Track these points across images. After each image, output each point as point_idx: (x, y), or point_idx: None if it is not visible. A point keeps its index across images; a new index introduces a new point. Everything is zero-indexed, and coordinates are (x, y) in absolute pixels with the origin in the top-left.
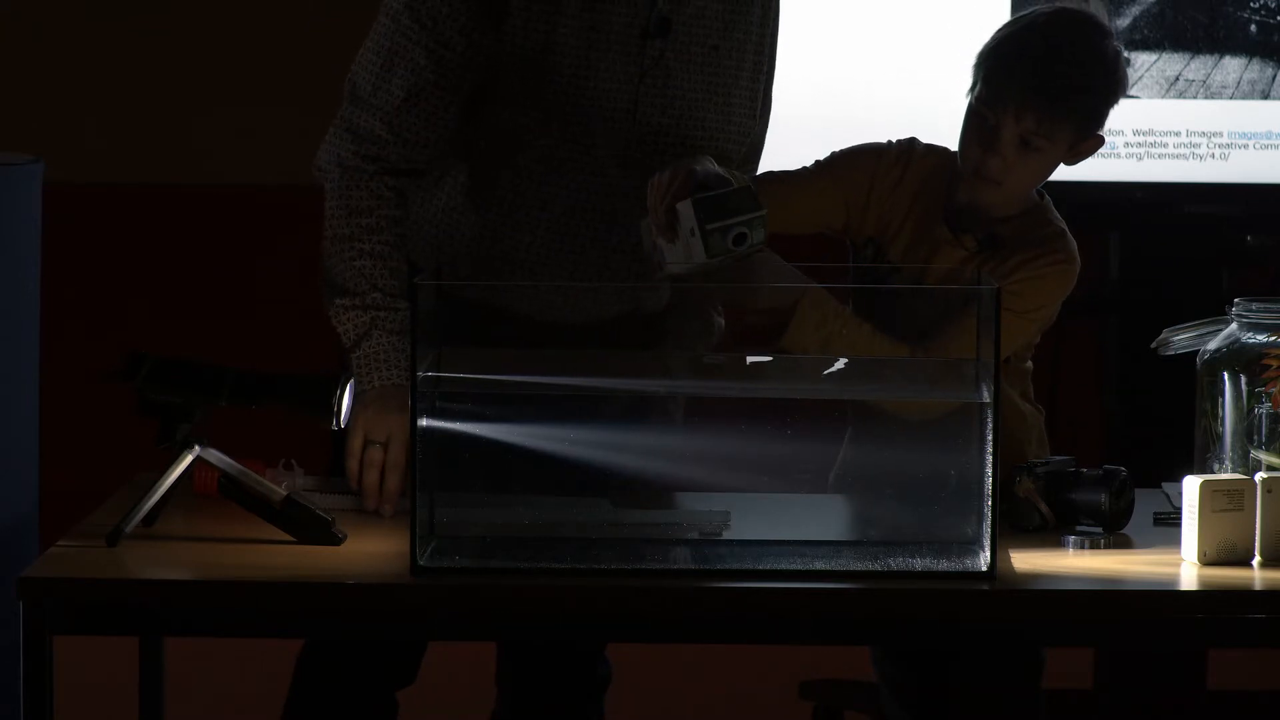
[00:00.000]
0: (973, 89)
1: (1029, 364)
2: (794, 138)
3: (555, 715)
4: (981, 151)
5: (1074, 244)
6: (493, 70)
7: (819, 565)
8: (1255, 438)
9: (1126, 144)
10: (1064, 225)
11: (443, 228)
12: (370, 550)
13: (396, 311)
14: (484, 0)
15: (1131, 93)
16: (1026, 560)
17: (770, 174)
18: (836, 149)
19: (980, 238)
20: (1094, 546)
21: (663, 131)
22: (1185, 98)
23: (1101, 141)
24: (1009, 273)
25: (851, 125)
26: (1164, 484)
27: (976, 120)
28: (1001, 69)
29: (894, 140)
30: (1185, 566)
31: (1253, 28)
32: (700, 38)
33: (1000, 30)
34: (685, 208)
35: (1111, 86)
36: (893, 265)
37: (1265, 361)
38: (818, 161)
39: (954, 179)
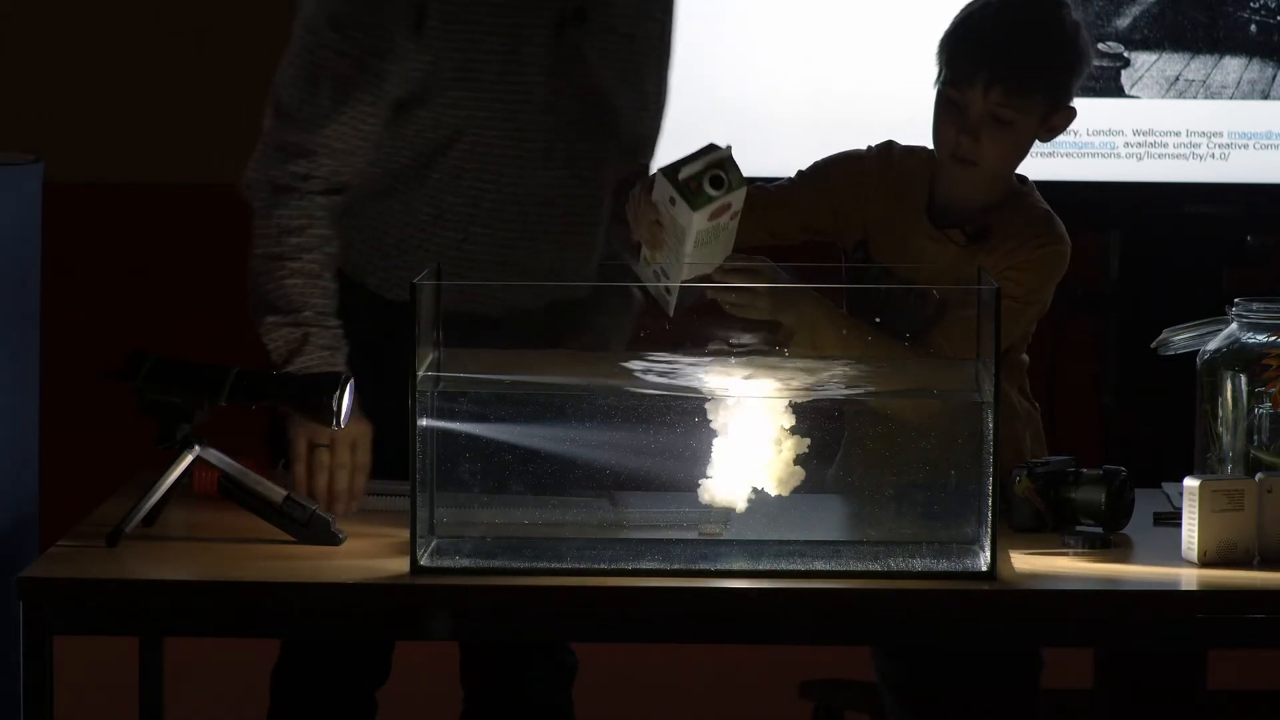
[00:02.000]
0: (939, 76)
1: (1025, 357)
2: (795, 138)
3: (524, 710)
4: (955, 133)
5: (1062, 225)
6: (416, 74)
7: (819, 565)
8: (1255, 438)
9: (1126, 144)
10: (1049, 208)
11: (376, 233)
12: (370, 550)
13: (328, 329)
14: (403, 6)
15: (1131, 93)
16: (1026, 560)
17: (755, 188)
18: (817, 159)
19: (968, 231)
20: (1094, 546)
21: (582, 120)
22: (1185, 98)
23: (1073, 113)
24: (1000, 261)
25: (850, 126)
26: (1164, 484)
27: (946, 104)
28: (964, 48)
29: (872, 145)
30: (1185, 566)
31: (1253, 28)
32: (614, 25)
33: (959, 13)
34: (657, 183)
35: (1074, 55)
36: (883, 267)
37: (1265, 361)
38: (800, 172)
39: (935, 176)
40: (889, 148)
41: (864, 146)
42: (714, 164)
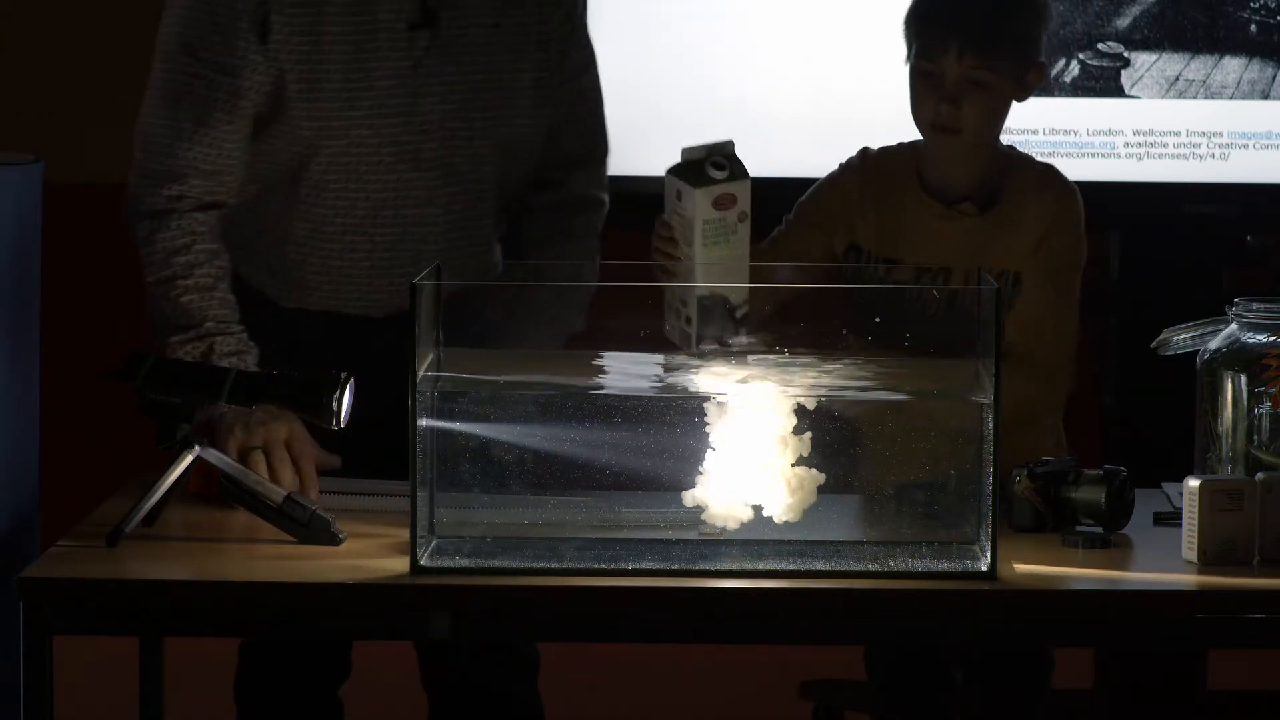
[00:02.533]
0: (909, 53)
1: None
2: (795, 138)
3: (489, 707)
4: (934, 103)
5: (1062, 173)
6: (267, 89)
7: (819, 565)
8: (1255, 438)
9: (1126, 144)
10: (1045, 163)
11: (263, 249)
12: (370, 550)
13: (232, 334)
14: (247, 22)
15: (1131, 93)
16: (1026, 560)
17: (755, 248)
18: (800, 199)
19: (979, 200)
20: (1094, 546)
21: (446, 121)
22: (1185, 98)
23: (1045, 69)
24: (1029, 230)
25: (850, 126)
26: (1164, 484)
27: (920, 78)
28: (933, 18)
29: (845, 159)
30: (1185, 566)
31: (1253, 28)
32: (476, 17)
33: None
34: (666, 184)
35: (1039, 9)
36: (885, 264)
37: (1265, 361)
38: (786, 219)
39: (921, 160)
40: (863, 154)
41: (849, 158)
42: (715, 149)
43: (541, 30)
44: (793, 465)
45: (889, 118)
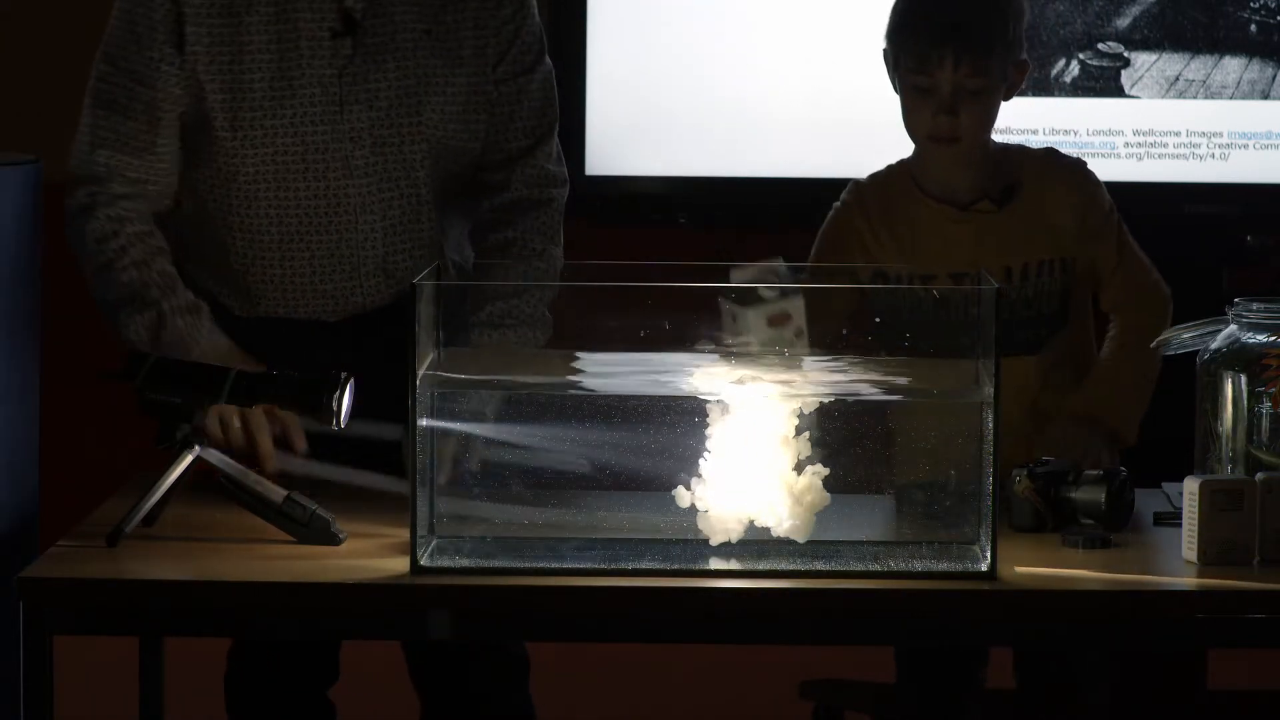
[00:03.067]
0: (895, 68)
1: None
2: (795, 138)
3: (480, 708)
4: (930, 115)
5: (1061, 151)
6: (186, 99)
7: (819, 565)
8: (1255, 438)
9: (1126, 144)
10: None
11: (209, 263)
12: (370, 550)
13: (178, 295)
14: (164, 32)
15: (1131, 93)
16: (1026, 560)
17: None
18: (811, 255)
19: (995, 196)
20: (1094, 546)
21: (375, 128)
22: (1185, 98)
23: (1028, 65)
24: (1059, 202)
25: (850, 126)
26: (1164, 484)
27: (914, 91)
28: (922, 32)
29: (839, 200)
30: (1185, 566)
31: (1253, 28)
32: (407, 23)
33: (896, 5)
34: (723, 312)
35: (1016, 6)
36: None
37: (1265, 361)
38: (811, 259)
39: (919, 174)
40: (856, 187)
41: (843, 198)
42: (766, 270)
43: (478, 36)
44: (795, 470)
45: (888, 117)
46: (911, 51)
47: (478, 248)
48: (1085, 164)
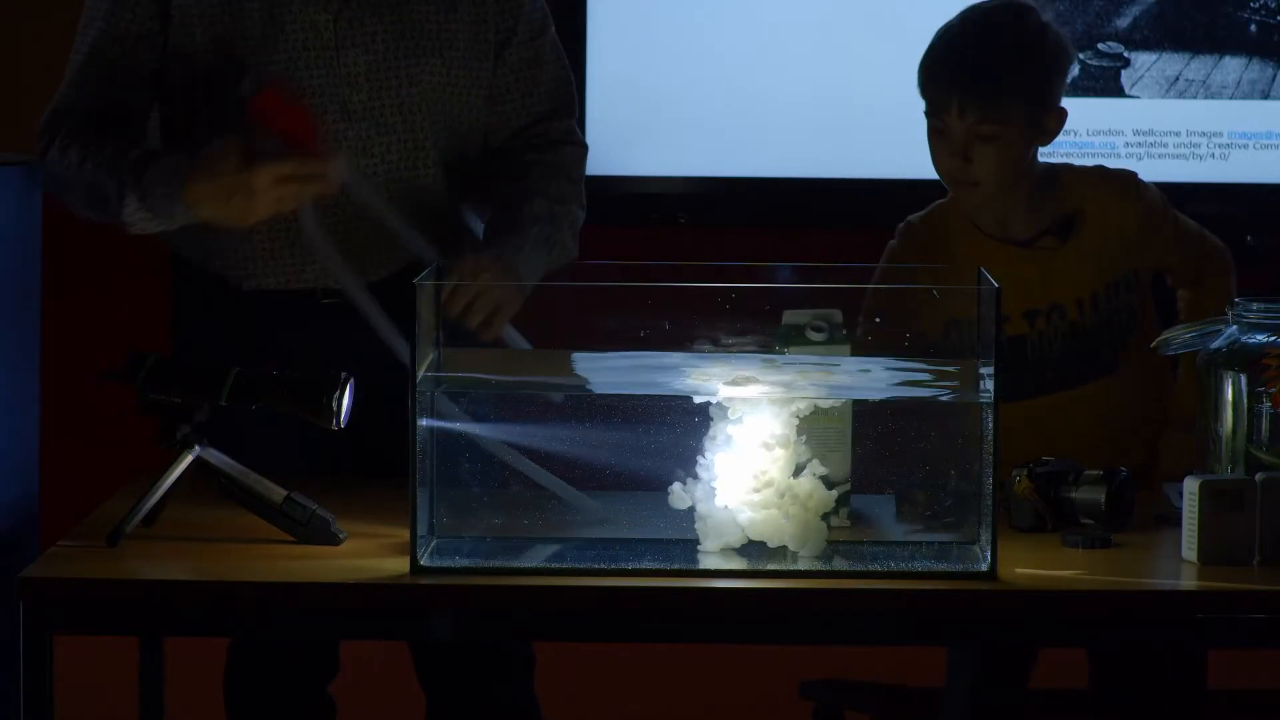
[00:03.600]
0: (925, 107)
1: None
2: (797, 138)
3: (487, 706)
4: (949, 159)
5: (1108, 167)
6: (184, 47)
7: (819, 565)
8: (1255, 438)
9: (1126, 144)
10: (1086, 166)
11: (209, 229)
12: (370, 550)
13: (146, 144)
14: None
15: (1131, 93)
16: (1026, 560)
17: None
18: (869, 294)
19: (1056, 230)
20: (1094, 546)
21: (371, 71)
22: (1185, 98)
23: (1064, 114)
24: (1124, 227)
25: (854, 127)
26: (1164, 484)
27: (934, 133)
28: (933, 75)
29: (891, 241)
30: (1185, 566)
31: (1253, 28)
32: None
33: (931, 42)
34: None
35: (1047, 56)
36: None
37: (1265, 361)
38: (865, 313)
39: (971, 210)
40: (908, 228)
41: (890, 245)
42: (820, 315)
43: None
44: (794, 474)
45: (889, 118)
46: (925, 95)
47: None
48: (1134, 174)
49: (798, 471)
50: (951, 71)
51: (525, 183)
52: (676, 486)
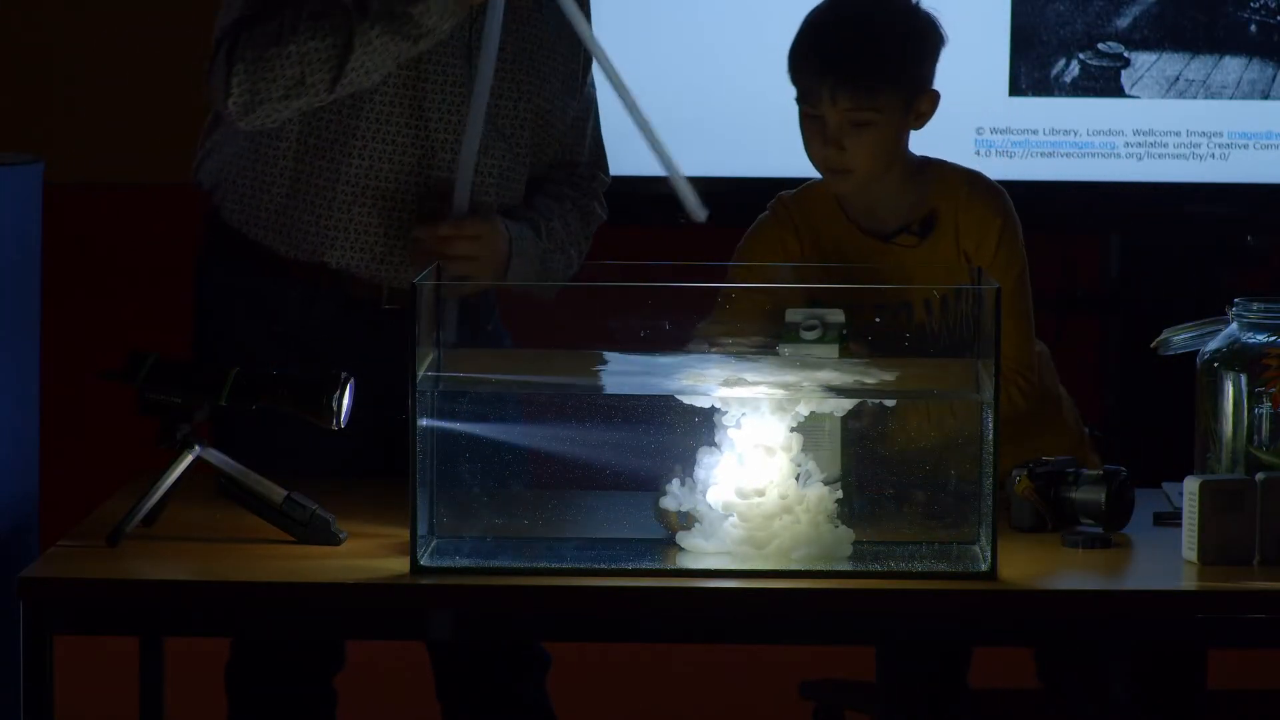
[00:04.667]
0: (797, 95)
1: (1040, 345)
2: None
3: (503, 709)
4: (821, 146)
5: (985, 175)
6: None
7: (819, 565)
8: (1255, 438)
9: (1126, 144)
10: (964, 168)
11: (302, 196)
12: (370, 550)
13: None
14: None
15: (1131, 93)
16: (1026, 560)
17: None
18: (731, 267)
19: (915, 228)
20: (1094, 546)
21: (497, 77)
22: (1185, 98)
23: (937, 97)
24: (971, 239)
25: None
26: (1164, 484)
27: (806, 120)
28: (804, 64)
29: (764, 212)
30: (1185, 566)
31: (1253, 28)
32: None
33: (800, 27)
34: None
35: (916, 39)
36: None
37: (1265, 361)
38: (730, 274)
39: (841, 200)
40: (781, 203)
41: (761, 216)
42: (816, 314)
43: (566, 29)
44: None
45: None
46: (796, 83)
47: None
48: (1005, 194)
49: (797, 474)
50: (823, 59)
51: (556, 206)
52: (674, 486)
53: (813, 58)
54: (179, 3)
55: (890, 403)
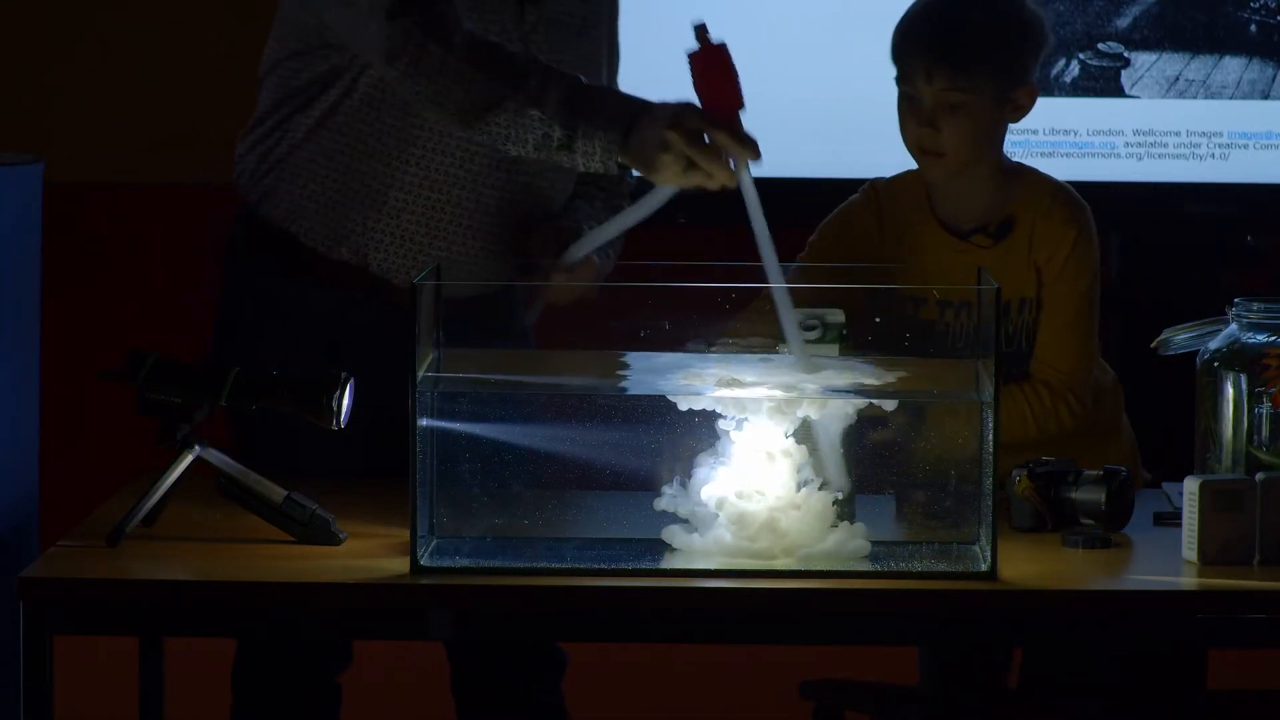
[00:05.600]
0: (896, 76)
1: (1110, 374)
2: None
3: (518, 709)
4: (915, 127)
5: (1073, 190)
6: None
7: (819, 565)
8: (1255, 438)
9: (1126, 144)
10: (1053, 179)
11: (360, 198)
12: (370, 550)
13: (551, 71)
14: None
15: (1131, 93)
16: (1026, 560)
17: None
18: (814, 233)
19: (992, 231)
20: (1094, 546)
21: None
22: (1185, 98)
23: (1035, 91)
24: (1045, 248)
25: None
26: (1164, 484)
27: (904, 101)
28: (905, 42)
29: (855, 196)
30: (1185, 566)
31: (1253, 28)
32: (570, 7)
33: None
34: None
35: (1018, 29)
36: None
37: (1265, 361)
38: (808, 247)
39: (929, 188)
40: (873, 188)
41: (852, 198)
42: (817, 314)
43: (610, 24)
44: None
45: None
46: (897, 60)
47: None
48: (1088, 210)
49: (796, 477)
50: (923, 37)
51: (587, 207)
52: (672, 486)
53: (912, 36)
54: (179, 3)
55: (890, 404)
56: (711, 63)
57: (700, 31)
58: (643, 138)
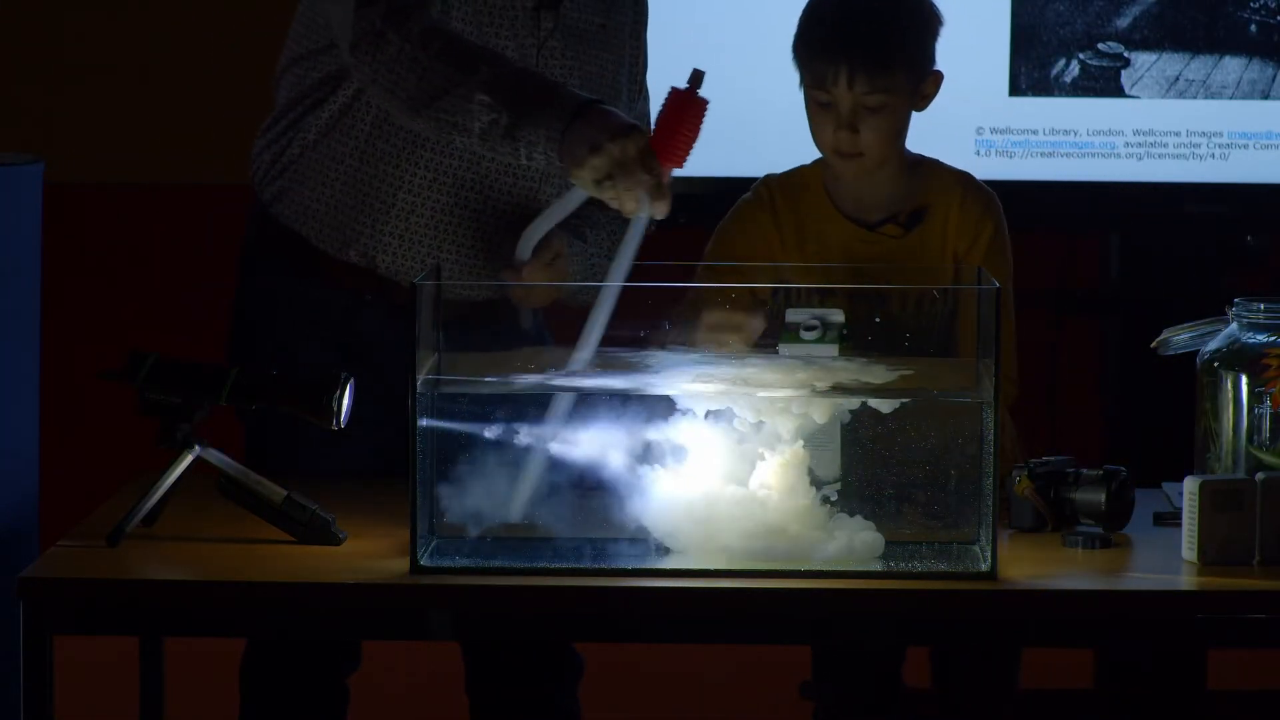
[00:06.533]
0: (801, 79)
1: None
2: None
3: (532, 713)
4: (833, 131)
5: (977, 179)
6: None
7: (819, 565)
8: (1255, 438)
9: (1126, 144)
10: (956, 168)
11: (365, 197)
12: (370, 550)
13: (505, 61)
14: None
15: (1131, 93)
16: (1026, 560)
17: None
18: (709, 247)
19: (903, 220)
20: (1094, 546)
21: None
22: (1185, 98)
23: (940, 78)
24: (958, 238)
25: None
26: (1164, 484)
27: (816, 106)
28: (817, 47)
29: (747, 194)
30: (1185, 566)
31: (1253, 28)
32: (588, 15)
33: (802, 15)
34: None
35: (922, 19)
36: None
37: (1265, 361)
38: (708, 253)
39: (827, 181)
40: (765, 185)
41: (745, 196)
42: (818, 314)
43: (634, 31)
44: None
45: None
46: (809, 68)
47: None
48: (997, 199)
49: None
50: (839, 42)
51: (598, 212)
52: (673, 485)
53: (825, 42)
54: (179, 3)
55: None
56: (686, 112)
57: (696, 78)
58: (580, 133)
